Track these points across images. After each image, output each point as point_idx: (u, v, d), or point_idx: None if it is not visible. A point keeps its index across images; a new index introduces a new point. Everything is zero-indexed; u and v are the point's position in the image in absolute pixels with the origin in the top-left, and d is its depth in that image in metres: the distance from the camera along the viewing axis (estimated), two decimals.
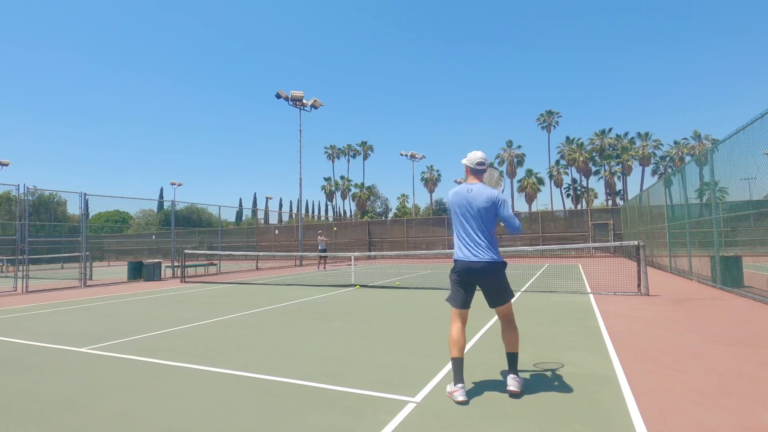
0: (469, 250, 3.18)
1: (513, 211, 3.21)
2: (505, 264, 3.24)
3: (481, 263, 3.14)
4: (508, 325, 3.25)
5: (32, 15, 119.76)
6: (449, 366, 3.79)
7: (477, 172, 3.36)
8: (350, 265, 16.88)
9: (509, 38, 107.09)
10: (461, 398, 2.95)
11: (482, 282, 3.20)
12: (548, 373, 3.55)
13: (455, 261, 3.26)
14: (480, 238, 3.18)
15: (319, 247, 19.24)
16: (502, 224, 3.30)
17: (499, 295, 3.22)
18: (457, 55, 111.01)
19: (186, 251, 15.36)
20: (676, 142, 49.23)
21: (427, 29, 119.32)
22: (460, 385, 3.01)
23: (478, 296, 3.28)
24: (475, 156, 3.35)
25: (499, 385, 3.28)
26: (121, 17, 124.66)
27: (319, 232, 21.53)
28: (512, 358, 3.20)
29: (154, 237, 38.85)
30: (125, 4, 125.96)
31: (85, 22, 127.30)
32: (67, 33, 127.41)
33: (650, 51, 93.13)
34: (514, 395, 3.04)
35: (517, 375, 3.15)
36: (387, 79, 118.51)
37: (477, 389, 3.22)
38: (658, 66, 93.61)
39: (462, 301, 3.22)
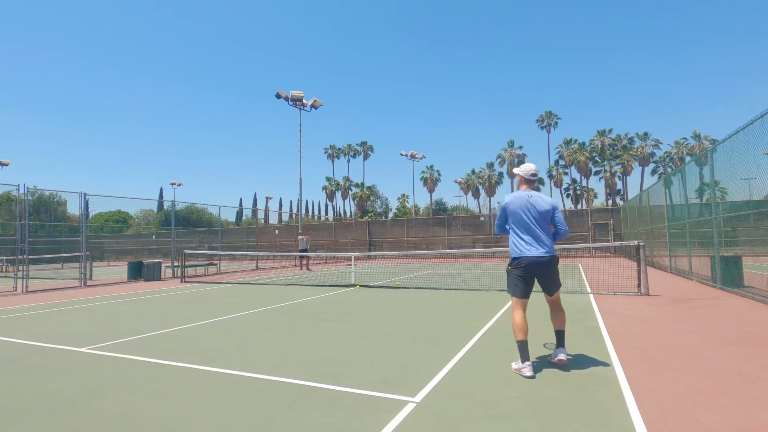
0: (536, 246, 3.69)
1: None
2: (558, 259, 3.80)
3: (547, 258, 3.68)
4: (557, 308, 3.87)
5: (32, 15, 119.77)
6: (449, 366, 3.81)
7: (531, 182, 3.93)
8: (350, 265, 16.88)
9: (509, 39, 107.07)
10: (529, 374, 3.48)
11: (543, 274, 3.73)
12: (548, 373, 3.55)
13: (521, 257, 3.70)
14: (544, 237, 3.74)
15: (300, 247, 18.94)
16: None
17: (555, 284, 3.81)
18: (457, 56, 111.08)
19: (186, 251, 15.36)
20: (676, 142, 49.25)
21: (427, 30, 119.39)
22: (527, 363, 3.52)
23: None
24: (528, 168, 3.93)
25: (499, 386, 3.28)
26: (120, 18, 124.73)
27: (299, 232, 21.28)
28: (559, 335, 3.81)
29: (154, 237, 38.83)
30: (125, 5, 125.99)
31: (84, 23, 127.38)
32: (66, 33, 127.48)
33: (651, 52, 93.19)
34: (562, 365, 3.66)
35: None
36: (387, 79, 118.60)
37: (477, 389, 3.22)
38: (659, 67, 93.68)
39: (523, 292, 3.73)
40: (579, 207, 51.55)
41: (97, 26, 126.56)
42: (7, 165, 36.14)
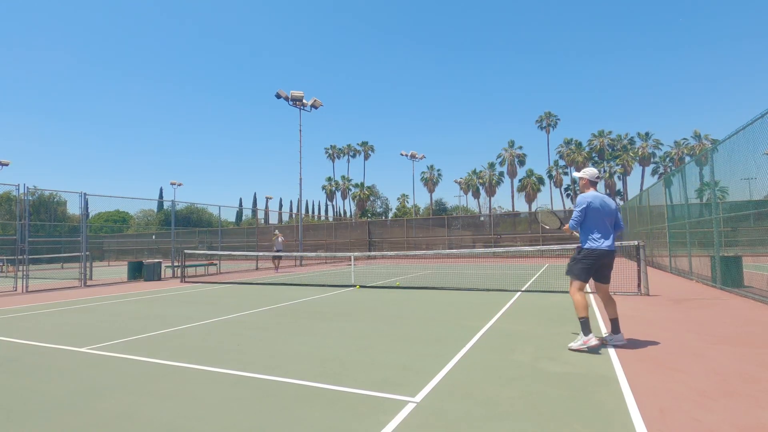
0: (607, 240, 4.34)
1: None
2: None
3: (614, 251, 4.40)
4: (610, 298, 4.52)
5: (32, 15, 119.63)
6: (449, 366, 3.81)
7: (595, 183, 4.55)
8: (350, 265, 16.88)
9: (509, 40, 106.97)
10: (595, 342, 4.14)
11: (608, 264, 4.42)
12: (548, 373, 3.56)
13: (595, 249, 4.34)
14: (612, 233, 4.42)
15: (276, 248, 18.74)
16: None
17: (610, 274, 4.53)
18: (456, 57, 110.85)
19: (186, 251, 15.36)
20: (676, 142, 49.28)
21: (428, 32, 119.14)
22: (591, 334, 4.19)
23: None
24: (593, 171, 4.57)
25: (499, 386, 3.28)
26: (120, 19, 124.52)
27: (275, 232, 20.87)
28: (615, 322, 4.45)
29: (154, 237, 38.83)
30: (126, 6, 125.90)
31: (84, 24, 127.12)
32: (67, 34, 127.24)
33: (651, 52, 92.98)
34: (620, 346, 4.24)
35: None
36: (387, 80, 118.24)
37: (477, 389, 3.22)
38: (659, 67, 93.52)
39: (587, 277, 4.46)
40: None
41: (97, 27, 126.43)
42: (7, 165, 36.17)
